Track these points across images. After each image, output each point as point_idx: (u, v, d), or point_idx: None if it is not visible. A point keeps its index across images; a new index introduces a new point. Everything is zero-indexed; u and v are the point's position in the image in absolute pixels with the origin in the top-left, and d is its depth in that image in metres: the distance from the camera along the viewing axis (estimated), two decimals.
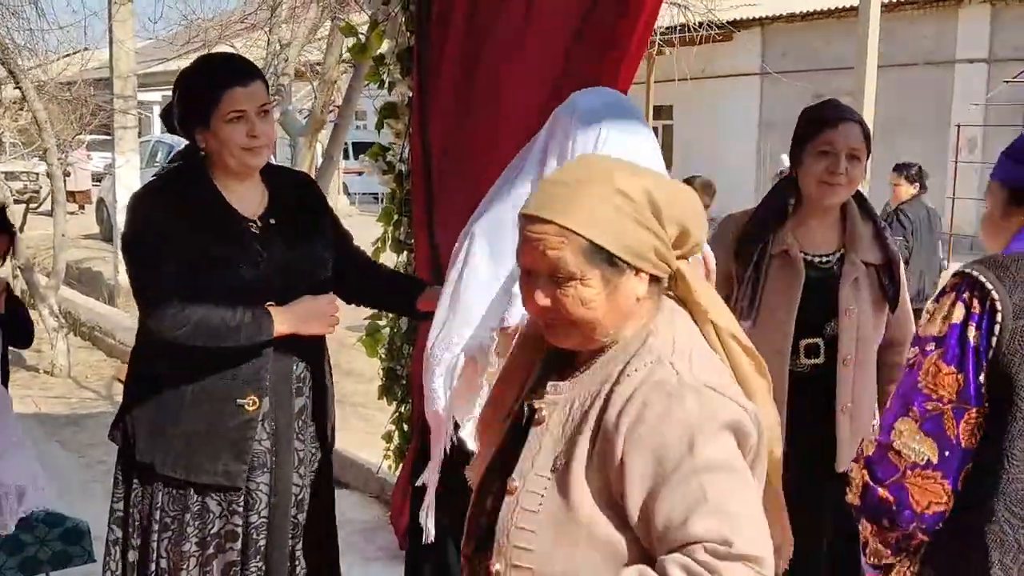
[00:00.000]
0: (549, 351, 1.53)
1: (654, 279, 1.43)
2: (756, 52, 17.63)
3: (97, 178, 18.42)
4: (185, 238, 2.14)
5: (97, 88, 10.24)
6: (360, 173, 19.62)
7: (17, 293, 4.42)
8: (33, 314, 4.22)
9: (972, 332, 1.25)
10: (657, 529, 1.30)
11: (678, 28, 10.49)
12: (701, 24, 11.03)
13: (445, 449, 2.08)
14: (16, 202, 10.75)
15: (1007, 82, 14.20)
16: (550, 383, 1.49)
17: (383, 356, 3.96)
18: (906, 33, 14.70)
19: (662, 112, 17.93)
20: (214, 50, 10.87)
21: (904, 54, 14.38)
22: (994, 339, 1.24)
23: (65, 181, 7.99)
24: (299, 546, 2.34)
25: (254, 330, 2.14)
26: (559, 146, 2.05)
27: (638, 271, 1.39)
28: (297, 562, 2.34)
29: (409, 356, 3.78)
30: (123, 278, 8.15)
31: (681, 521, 1.27)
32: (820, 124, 2.54)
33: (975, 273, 1.29)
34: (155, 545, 2.22)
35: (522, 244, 1.40)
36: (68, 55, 9.96)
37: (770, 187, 2.82)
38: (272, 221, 2.26)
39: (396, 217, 3.82)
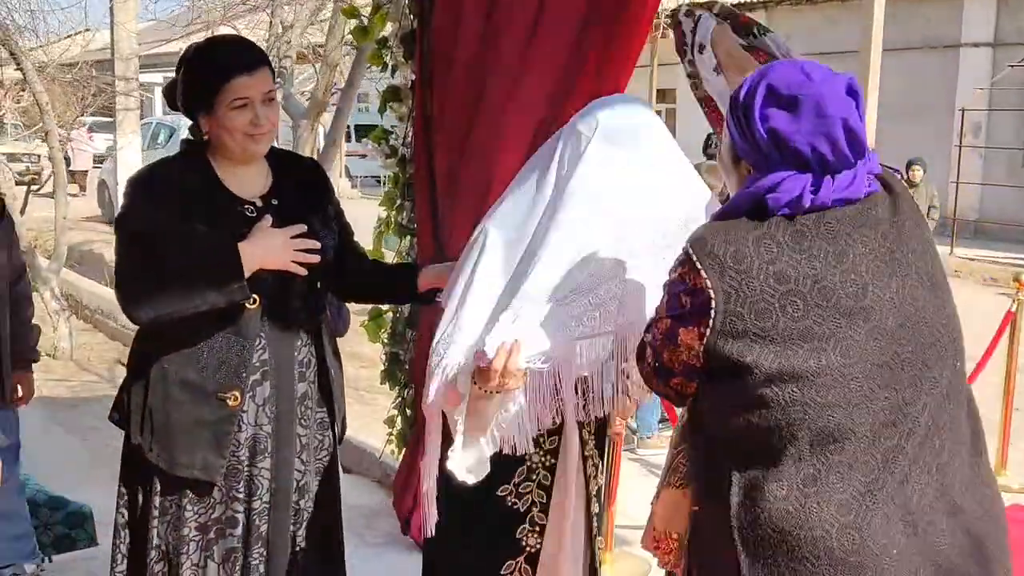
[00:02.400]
0: None
1: None
2: None
3: (99, 160, 18.41)
4: (176, 223, 2.13)
5: (99, 69, 10.19)
6: (363, 156, 19.58)
7: None
8: (35, 297, 4.19)
9: (684, 298, 1.56)
10: None
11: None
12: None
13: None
14: (17, 184, 10.72)
15: (1012, 66, 14.12)
16: None
17: (385, 341, 3.96)
18: (911, 17, 14.62)
19: (665, 95, 17.85)
20: (217, 31, 10.84)
21: (909, 38, 14.31)
22: (709, 320, 1.52)
23: (67, 161, 7.96)
24: (300, 532, 2.32)
25: (222, 274, 2.11)
26: (568, 161, 2.01)
27: None
28: (299, 548, 2.32)
29: (412, 341, 3.77)
30: None
31: None
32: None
33: (695, 259, 1.54)
34: (155, 529, 2.22)
35: None
36: (70, 36, 9.91)
37: None
38: (274, 203, 2.26)
39: (399, 202, 3.80)
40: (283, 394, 2.25)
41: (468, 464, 1.96)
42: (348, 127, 19.95)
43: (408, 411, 3.89)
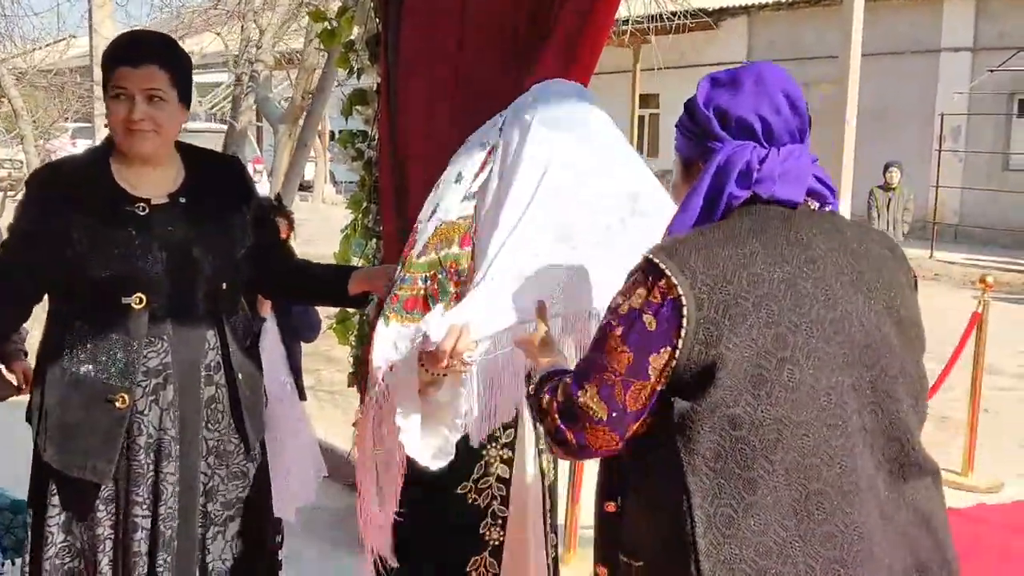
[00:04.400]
0: None
1: None
2: (743, 40, 17.63)
3: None
4: (58, 227, 2.13)
5: (82, 75, 10.19)
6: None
7: None
8: None
9: (648, 319, 1.45)
10: None
11: (665, 16, 10.47)
12: (688, 12, 11.00)
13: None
14: None
15: (991, 71, 14.22)
16: None
17: (353, 343, 3.96)
18: (891, 21, 14.71)
19: (648, 101, 17.91)
20: (195, 38, 10.82)
21: (889, 43, 14.39)
22: (681, 330, 1.42)
23: None
24: (210, 535, 2.27)
25: None
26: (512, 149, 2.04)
27: None
28: (207, 552, 2.27)
29: None
30: None
31: None
32: None
33: (662, 266, 1.46)
34: (56, 527, 2.19)
35: None
36: (51, 43, 9.89)
37: None
38: (182, 200, 2.23)
39: (365, 204, 3.81)
40: (187, 397, 2.21)
41: (432, 450, 1.94)
42: (332, 132, 19.93)
43: None
